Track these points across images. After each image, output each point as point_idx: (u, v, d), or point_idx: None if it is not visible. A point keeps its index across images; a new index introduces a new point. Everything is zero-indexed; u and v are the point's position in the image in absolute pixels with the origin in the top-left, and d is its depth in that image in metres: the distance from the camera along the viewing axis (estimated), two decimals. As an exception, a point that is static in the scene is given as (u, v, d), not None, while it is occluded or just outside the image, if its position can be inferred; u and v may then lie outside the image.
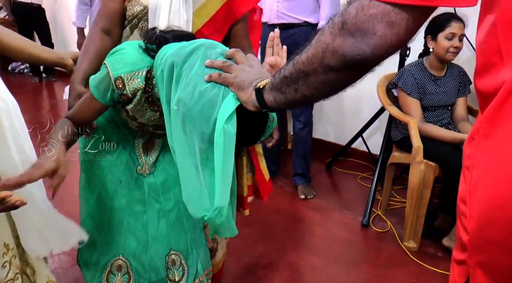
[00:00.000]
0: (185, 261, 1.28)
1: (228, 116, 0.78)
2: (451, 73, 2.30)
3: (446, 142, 2.13)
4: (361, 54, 0.62)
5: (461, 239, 0.64)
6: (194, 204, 0.88)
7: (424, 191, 2.12)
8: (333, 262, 2.11)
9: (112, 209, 1.23)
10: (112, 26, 1.29)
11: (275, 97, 0.76)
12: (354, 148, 3.16)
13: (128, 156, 1.23)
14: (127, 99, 1.05)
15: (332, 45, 0.64)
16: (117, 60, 1.03)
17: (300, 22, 2.53)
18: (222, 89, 0.82)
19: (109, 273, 1.24)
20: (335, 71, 0.66)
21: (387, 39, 0.60)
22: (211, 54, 0.88)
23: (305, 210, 2.61)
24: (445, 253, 2.17)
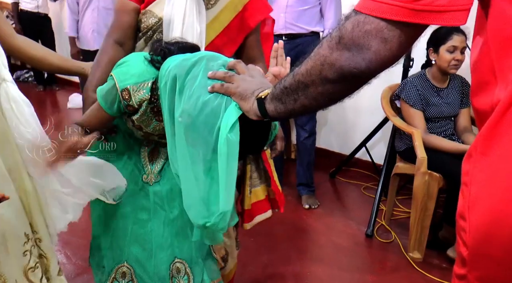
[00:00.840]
0: (190, 270, 1.29)
1: (231, 125, 0.81)
2: (453, 84, 2.32)
3: (450, 153, 2.14)
4: (357, 68, 0.65)
5: (461, 253, 0.65)
6: (195, 212, 0.91)
7: (429, 202, 2.13)
8: (338, 272, 2.11)
9: (117, 216, 1.25)
10: (125, 38, 1.32)
11: (275, 107, 0.78)
12: (358, 157, 3.17)
13: (134, 165, 1.25)
14: (133, 110, 1.08)
15: (330, 58, 0.67)
16: (124, 72, 1.06)
17: (306, 32, 2.56)
18: (225, 99, 0.84)
19: (114, 280, 1.25)
20: (332, 83, 0.69)
21: (381, 54, 0.63)
22: (213, 65, 0.91)
23: (309, 219, 2.62)
24: (449, 264, 2.17)
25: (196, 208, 0.90)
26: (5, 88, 1.06)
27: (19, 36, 1.29)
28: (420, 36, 0.65)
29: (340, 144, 3.37)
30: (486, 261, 0.61)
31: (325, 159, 3.30)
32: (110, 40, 1.32)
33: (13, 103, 1.07)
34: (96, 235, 1.28)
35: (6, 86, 1.07)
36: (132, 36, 1.34)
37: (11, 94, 1.07)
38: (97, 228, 1.27)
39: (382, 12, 0.61)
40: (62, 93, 5.44)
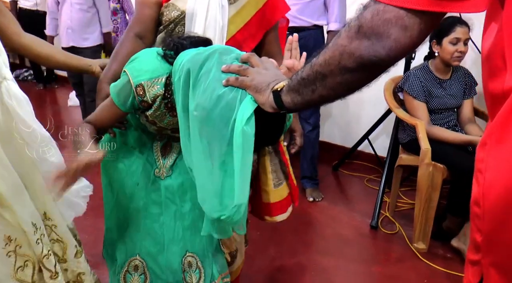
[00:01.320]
0: (201, 264, 1.30)
1: (247, 118, 0.82)
2: (456, 76, 2.33)
3: (454, 144, 2.16)
4: (377, 56, 0.65)
5: (475, 240, 0.67)
6: (210, 205, 0.91)
7: (433, 193, 2.15)
8: (344, 264, 2.13)
9: (130, 210, 1.26)
10: (146, 31, 1.34)
11: (292, 98, 0.79)
12: (360, 150, 3.18)
13: (146, 160, 1.26)
14: (147, 106, 1.09)
15: (349, 47, 0.67)
16: (137, 67, 1.07)
17: (309, 25, 2.56)
18: (240, 92, 0.85)
19: (126, 273, 1.27)
20: (351, 72, 0.69)
21: (401, 41, 0.64)
22: (226, 59, 0.91)
23: (314, 212, 2.64)
24: (454, 254, 2.19)
25: (211, 201, 0.91)
26: (6, 86, 1.07)
27: (26, 34, 1.29)
28: (439, 23, 0.65)
29: (343, 137, 3.38)
30: (500, 246, 0.62)
31: (328, 152, 3.32)
32: (131, 33, 1.33)
33: (15, 101, 1.08)
34: (109, 228, 1.30)
35: (7, 85, 1.08)
36: (153, 30, 1.35)
37: (12, 92, 1.08)
38: (110, 222, 1.29)
39: (402, 2, 0.61)
40: (61, 91, 5.43)
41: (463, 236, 2.15)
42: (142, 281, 1.27)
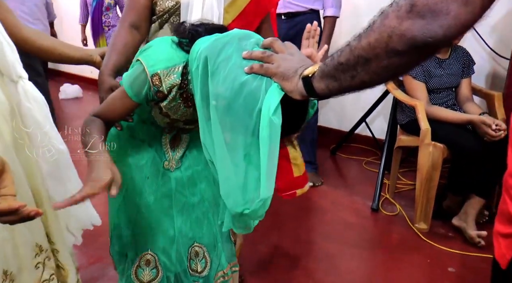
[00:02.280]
0: (208, 254, 1.29)
1: (274, 108, 0.77)
2: (455, 55, 2.31)
3: (453, 123, 2.15)
4: (433, 36, 0.60)
5: (509, 213, 0.65)
6: (233, 199, 0.87)
7: (433, 173, 2.15)
8: (347, 247, 2.14)
9: (140, 205, 1.23)
10: (140, 21, 1.31)
11: (327, 84, 0.74)
12: (358, 133, 3.18)
13: (155, 152, 1.23)
14: (162, 96, 1.03)
15: (399, 28, 0.61)
16: (152, 56, 1.01)
17: (305, 10, 2.52)
18: (264, 80, 0.80)
19: (138, 268, 1.24)
20: (400, 55, 0.64)
21: (461, 18, 0.58)
22: (246, 44, 0.85)
23: (314, 197, 2.63)
24: (455, 232, 2.21)
25: (235, 195, 0.86)
26: (23, 86, 1.00)
27: (26, 26, 1.23)
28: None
29: (339, 120, 3.37)
30: None
31: (325, 136, 3.31)
32: (125, 23, 1.31)
33: (34, 102, 1.01)
34: (116, 225, 1.25)
35: (24, 84, 1.01)
36: (147, 19, 1.33)
37: (30, 93, 1.01)
38: (117, 218, 1.25)
39: None
40: (52, 84, 5.32)
41: (464, 215, 2.16)
42: (154, 275, 1.24)
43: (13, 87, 1.01)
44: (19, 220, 0.74)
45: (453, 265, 1.99)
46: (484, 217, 2.29)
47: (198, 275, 1.27)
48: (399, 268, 1.99)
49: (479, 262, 1.99)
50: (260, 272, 1.93)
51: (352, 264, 2.01)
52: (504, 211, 0.68)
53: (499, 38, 2.53)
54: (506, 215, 0.67)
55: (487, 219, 2.28)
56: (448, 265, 1.99)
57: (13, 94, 1.01)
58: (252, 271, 1.92)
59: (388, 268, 2.00)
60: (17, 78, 1.01)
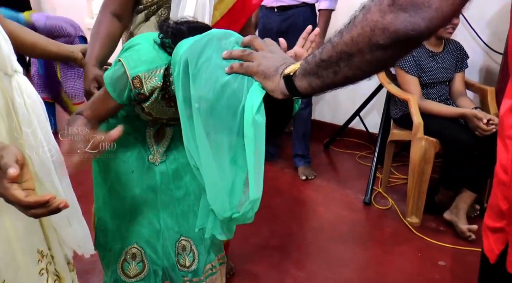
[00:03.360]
0: (195, 247, 1.29)
1: (257, 107, 0.75)
2: (448, 49, 2.31)
3: (446, 117, 2.16)
4: (415, 29, 0.60)
5: (499, 207, 0.65)
6: (221, 204, 0.86)
7: (425, 167, 2.15)
8: (340, 241, 2.14)
9: (125, 198, 1.22)
10: (122, 11, 1.29)
11: (309, 82, 0.73)
12: (351, 127, 3.18)
13: (140, 146, 1.22)
14: (144, 98, 1.02)
15: (382, 22, 0.62)
16: (134, 58, 0.98)
17: (298, 3, 2.50)
18: (246, 79, 0.78)
19: (124, 262, 1.24)
20: (383, 49, 0.64)
21: (443, 10, 0.59)
22: (226, 44, 0.84)
23: (307, 191, 2.64)
24: (446, 226, 2.22)
25: (222, 199, 0.85)
26: (17, 80, 0.95)
27: (10, 21, 1.19)
28: None
29: (333, 114, 3.37)
30: None
31: (319, 130, 3.31)
32: (106, 12, 1.27)
33: (28, 99, 0.96)
34: (101, 218, 1.25)
35: (18, 78, 0.96)
36: (130, 9, 1.30)
37: (24, 87, 0.96)
38: (102, 211, 1.25)
39: None
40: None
41: (455, 209, 2.18)
42: (140, 269, 1.24)
43: (8, 81, 0.98)
44: (47, 213, 0.73)
45: (444, 259, 2.00)
46: (475, 211, 2.31)
47: (187, 269, 1.27)
48: (390, 261, 2.00)
49: (470, 256, 2.00)
50: (251, 265, 1.94)
51: (343, 257, 2.02)
52: (494, 206, 0.68)
53: (493, 33, 2.54)
54: (495, 209, 0.67)
55: (478, 213, 2.30)
56: (438, 259, 2.00)
57: (8, 89, 0.98)
58: (243, 264, 1.92)
59: (380, 261, 2.01)
60: (12, 72, 0.96)
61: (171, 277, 1.27)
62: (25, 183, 0.72)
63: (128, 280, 1.24)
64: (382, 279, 1.89)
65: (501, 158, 0.65)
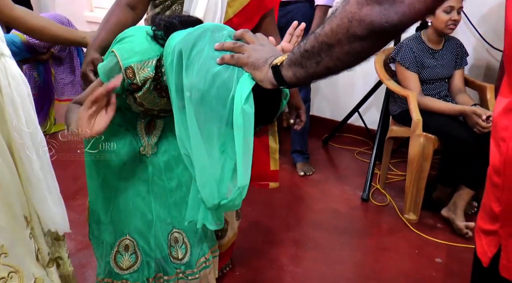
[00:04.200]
0: (188, 239, 1.30)
1: (246, 97, 0.79)
2: (448, 46, 2.31)
3: (445, 114, 2.15)
4: (389, 22, 0.63)
5: (492, 209, 0.65)
6: (209, 191, 0.89)
7: (424, 163, 2.15)
8: (337, 237, 2.15)
9: (117, 189, 1.24)
10: (138, 2, 1.32)
11: (294, 72, 0.76)
12: (350, 123, 3.17)
13: (132, 137, 1.23)
14: (137, 88, 1.05)
15: (359, 14, 0.64)
16: (127, 49, 1.02)
17: None
18: (236, 70, 0.82)
19: (117, 253, 1.25)
20: (361, 40, 0.66)
21: (415, 7, 0.61)
22: (218, 36, 0.88)
23: (305, 186, 2.64)
24: (444, 224, 2.22)
25: (211, 186, 0.89)
26: (4, 63, 0.97)
27: (18, 6, 1.21)
28: None
29: (332, 110, 3.36)
30: None
31: (318, 126, 3.30)
32: (122, 1, 1.31)
33: (12, 80, 0.98)
34: (95, 209, 1.26)
35: (5, 61, 0.98)
36: (145, 1, 1.33)
37: (9, 69, 0.98)
38: (95, 202, 1.25)
39: None
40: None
41: (453, 206, 2.18)
42: (133, 260, 1.25)
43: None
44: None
45: (441, 256, 2.01)
46: (472, 208, 2.31)
47: (179, 262, 1.28)
48: (387, 258, 2.00)
49: (466, 253, 2.01)
50: (249, 260, 1.94)
51: (341, 253, 2.03)
52: (487, 207, 0.68)
53: (493, 30, 2.53)
54: (488, 211, 0.67)
55: (476, 210, 2.30)
56: (435, 256, 2.01)
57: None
58: (241, 259, 1.92)
59: (377, 257, 2.02)
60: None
61: (164, 269, 1.28)
62: None
63: (122, 272, 1.25)
64: (379, 275, 1.89)
65: (493, 159, 0.65)
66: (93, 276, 1.79)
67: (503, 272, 0.66)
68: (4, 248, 0.99)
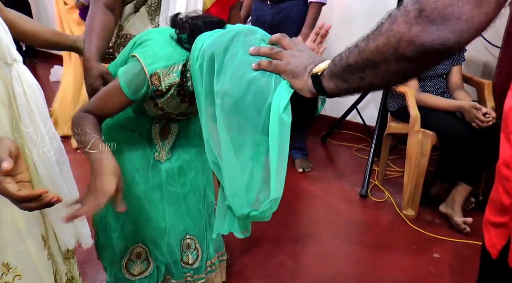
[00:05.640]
0: (199, 245, 1.29)
1: (284, 106, 0.75)
2: (446, 42, 2.31)
3: (443, 110, 2.16)
4: (443, 43, 0.56)
5: (501, 202, 0.65)
6: (239, 200, 0.85)
7: (422, 159, 2.16)
8: (336, 233, 2.16)
9: (130, 197, 1.18)
10: (114, 2, 1.28)
11: (336, 85, 0.72)
12: (349, 120, 3.18)
13: (146, 143, 1.20)
14: (160, 94, 1.00)
15: (408, 34, 0.58)
16: (150, 54, 0.96)
17: None
18: (273, 77, 0.77)
19: (129, 261, 1.23)
20: (409, 61, 0.61)
21: (475, 21, 0.55)
22: (252, 40, 0.83)
23: (303, 183, 2.64)
24: (442, 219, 2.23)
25: (241, 196, 0.84)
26: (17, 70, 0.95)
27: (9, 10, 1.18)
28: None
29: (331, 107, 3.36)
30: None
31: (316, 123, 3.30)
32: (99, 3, 1.26)
33: (27, 88, 0.95)
34: (103, 217, 1.22)
35: (18, 68, 0.95)
36: (121, 1, 1.30)
37: (24, 77, 0.95)
38: (104, 210, 1.20)
39: None
40: (43, 66, 5.28)
41: (451, 202, 2.19)
42: (145, 267, 1.24)
43: (8, 71, 0.98)
44: (40, 207, 0.73)
45: (439, 251, 2.02)
46: (470, 204, 2.32)
47: (190, 267, 1.27)
48: (386, 254, 2.01)
49: (464, 248, 2.02)
50: (247, 256, 1.95)
51: (339, 249, 2.03)
52: (496, 201, 0.67)
53: (491, 26, 2.52)
54: (497, 204, 0.67)
55: (473, 206, 2.32)
56: (433, 251, 2.02)
57: (8, 78, 0.98)
58: (239, 256, 1.93)
59: (375, 253, 2.03)
60: (11, 61, 0.96)
61: (173, 273, 1.26)
62: (19, 175, 0.71)
63: (133, 278, 1.23)
64: (378, 271, 1.90)
65: (504, 153, 0.64)
66: (94, 272, 1.80)
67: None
68: (17, 270, 0.97)
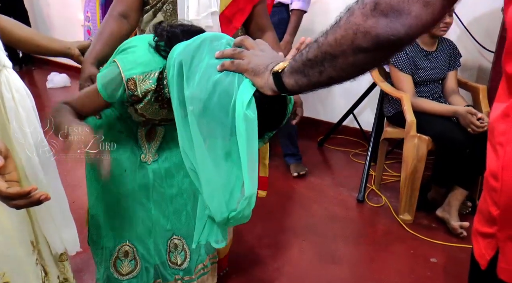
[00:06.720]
0: (187, 246, 1.30)
1: (248, 102, 0.77)
2: (442, 47, 2.33)
3: (439, 115, 2.17)
4: (395, 34, 0.62)
5: (490, 213, 0.65)
6: (218, 204, 0.86)
7: (418, 164, 2.17)
8: (333, 239, 2.15)
9: (118, 196, 1.23)
10: (130, 11, 1.33)
11: (296, 80, 0.75)
12: (345, 125, 3.18)
13: (133, 144, 1.23)
14: (137, 100, 1.03)
15: (364, 26, 0.63)
16: (129, 60, 1.00)
17: (274, 3, 2.51)
18: (236, 76, 0.80)
19: (116, 259, 1.25)
20: (365, 52, 0.65)
21: (422, 18, 0.60)
22: (217, 45, 0.86)
23: (300, 188, 2.64)
24: (439, 224, 2.24)
25: (218, 199, 0.85)
26: (6, 75, 0.96)
27: (3, 16, 1.19)
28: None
29: (327, 112, 3.38)
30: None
31: (312, 128, 3.31)
32: (114, 12, 1.31)
33: (16, 93, 0.96)
34: (94, 215, 1.25)
35: (7, 73, 0.96)
36: (137, 9, 1.34)
37: (13, 82, 0.96)
38: (95, 208, 1.25)
39: None
40: (40, 72, 5.27)
41: (447, 206, 2.19)
42: (132, 266, 1.25)
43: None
44: (29, 204, 0.74)
45: (436, 256, 2.02)
46: (467, 208, 2.33)
47: (178, 267, 1.28)
48: (383, 258, 2.01)
49: (461, 253, 2.02)
50: (245, 262, 1.94)
51: (336, 255, 2.03)
52: (484, 210, 0.67)
53: (485, 31, 2.55)
54: (486, 214, 0.67)
55: (470, 210, 2.32)
56: (430, 256, 2.02)
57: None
58: (236, 261, 1.92)
59: (372, 258, 2.03)
60: (1, 67, 0.97)
61: (163, 275, 1.28)
62: (8, 175, 0.72)
63: (121, 277, 1.25)
64: (375, 276, 1.90)
65: (490, 164, 0.65)
66: (91, 280, 1.79)
67: (501, 275, 0.66)
68: (6, 277, 0.97)
